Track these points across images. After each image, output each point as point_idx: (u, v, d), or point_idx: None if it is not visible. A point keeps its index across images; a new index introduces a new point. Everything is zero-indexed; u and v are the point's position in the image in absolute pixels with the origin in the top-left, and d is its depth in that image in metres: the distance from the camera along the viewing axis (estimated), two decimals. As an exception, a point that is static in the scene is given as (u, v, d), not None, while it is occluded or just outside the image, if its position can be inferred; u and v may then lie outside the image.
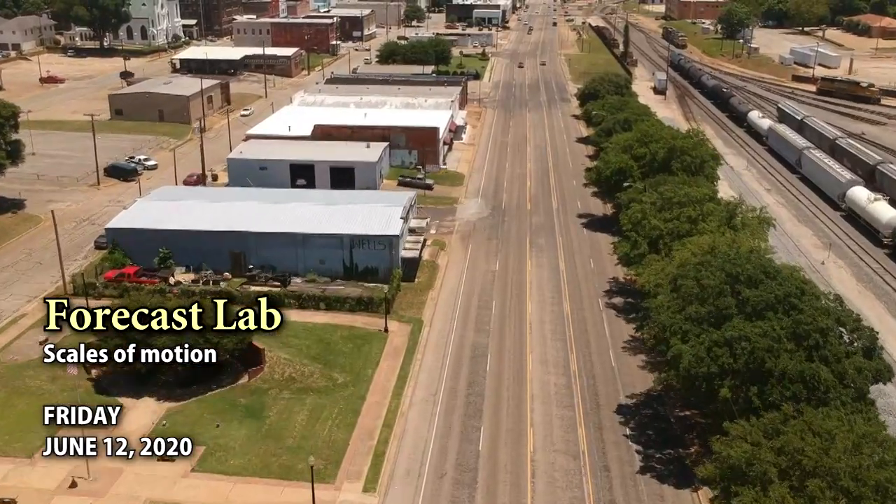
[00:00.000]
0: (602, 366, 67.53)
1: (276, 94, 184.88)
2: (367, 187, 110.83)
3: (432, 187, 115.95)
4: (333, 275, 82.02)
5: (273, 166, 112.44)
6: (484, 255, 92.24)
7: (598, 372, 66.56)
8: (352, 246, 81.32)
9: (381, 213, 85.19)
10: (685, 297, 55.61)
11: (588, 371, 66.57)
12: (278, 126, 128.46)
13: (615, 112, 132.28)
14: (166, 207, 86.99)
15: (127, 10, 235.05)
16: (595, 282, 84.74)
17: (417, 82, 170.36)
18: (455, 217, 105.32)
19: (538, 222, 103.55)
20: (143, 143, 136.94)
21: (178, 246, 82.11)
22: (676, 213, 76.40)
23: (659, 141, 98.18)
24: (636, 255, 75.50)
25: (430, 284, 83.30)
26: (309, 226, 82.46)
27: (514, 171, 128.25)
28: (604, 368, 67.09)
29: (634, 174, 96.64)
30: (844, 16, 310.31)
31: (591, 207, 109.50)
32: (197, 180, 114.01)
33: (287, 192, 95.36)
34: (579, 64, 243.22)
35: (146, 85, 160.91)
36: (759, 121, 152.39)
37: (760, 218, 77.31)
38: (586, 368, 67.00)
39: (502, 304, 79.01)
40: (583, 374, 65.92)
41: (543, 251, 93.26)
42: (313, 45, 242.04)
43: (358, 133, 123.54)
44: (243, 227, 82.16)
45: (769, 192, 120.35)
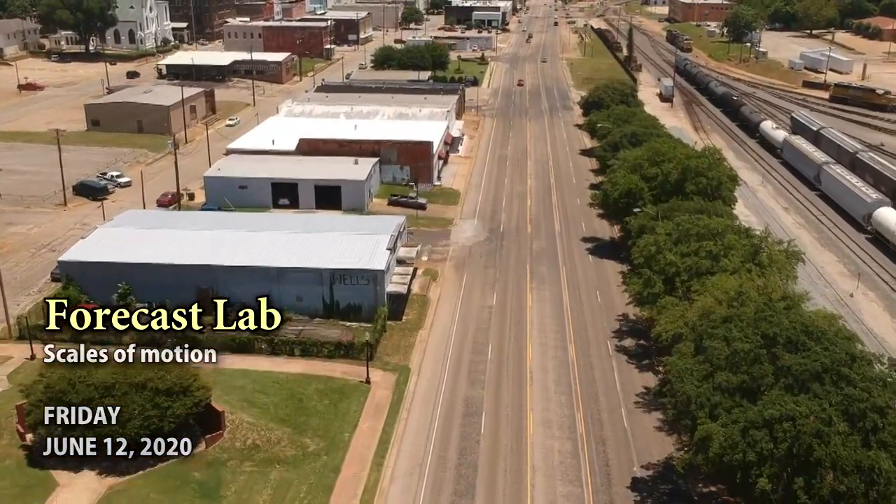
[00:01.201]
0: (613, 427, 59.21)
1: (266, 101, 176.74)
2: (355, 207, 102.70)
3: (425, 207, 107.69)
4: (312, 313, 73.75)
5: (253, 185, 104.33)
6: (480, 286, 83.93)
7: (609, 435, 58.24)
8: (332, 281, 73.06)
9: (365, 243, 76.89)
10: (713, 360, 47.25)
11: (597, 434, 58.23)
12: (261, 139, 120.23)
13: (621, 124, 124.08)
14: (128, 236, 78.70)
15: (113, 14, 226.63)
16: (603, 320, 76.43)
17: (412, 90, 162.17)
18: (449, 241, 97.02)
19: (539, 247, 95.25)
20: (118, 157, 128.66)
21: (139, 281, 73.81)
22: (695, 247, 68.09)
23: (672, 160, 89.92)
24: (650, 294, 67.16)
25: (420, 323, 74.99)
26: (285, 258, 74.18)
27: (514, 187, 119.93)
28: (615, 431, 58.77)
29: (645, 196, 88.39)
30: (854, 18, 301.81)
31: (596, 230, 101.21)
32: (171, 200, 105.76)
33: (263, 218, 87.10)
34: (581, 68, 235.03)
35: (125, 94, 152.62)
36: (772, 132, 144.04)
37: (788, 252, 69.04)
38: (595, 431, 58.68)
39: (500, 348, 70.70)
40: (591, 439, 57.57)
41: (545, 282, 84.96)
42: (306, 49, 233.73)
43: (346, 148, 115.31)
44: (211, 261, 73.88)
45: (787, 211, 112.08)
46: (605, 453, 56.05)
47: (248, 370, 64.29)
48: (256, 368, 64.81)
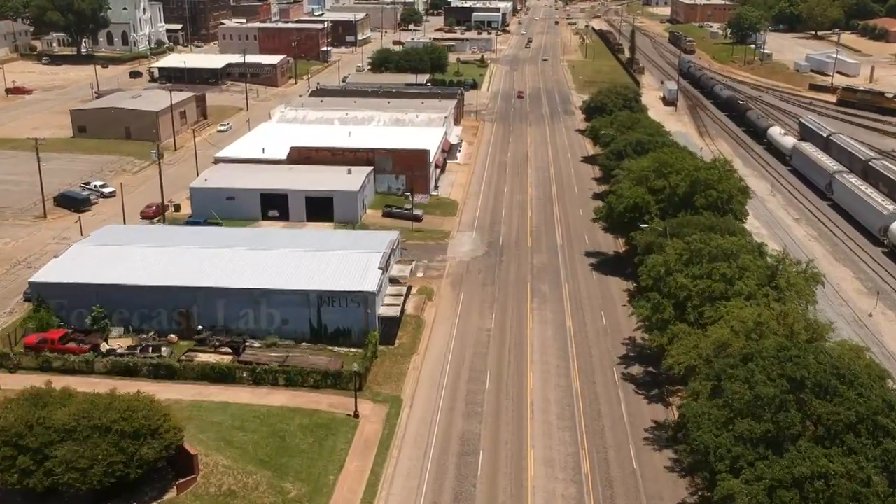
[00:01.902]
0: (621, 467, 54.66)
1: (260, 105, 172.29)
2: (348, 219, 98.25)
3: (421, 218, 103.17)
4: (298, 337, 69.27)
5: (242, 196, 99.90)
6: (478, 306, 79.39)
7: (616, 476, 53.68)
8: (320, 304, 68.52)
9: (356, 262, 72.34)
10: (733, 405, 42.72)
11: (604, 476, 53.67)
12: (252, 147, 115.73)
13: (625, 131, 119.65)
14: (105, 255, 74.15)
15: (105, 15, 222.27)
16: (608, 344, 71.89)
17: (410, 94, 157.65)
18: (446, 256, 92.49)
19: (540, 263, 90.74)
20: (104, 165, 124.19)
21: (115, 303, 69.42)
22: (707, 269, 63.58)
23: (679, 172, 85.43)
24: (659, 320, 62.64)
25: (414, 348, 70.44)
26: (269, 279, 69.63)
27: (514, 197, 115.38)
28: (623, 471, 54.22)
29: (651, 210, 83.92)
30: (859, 19, 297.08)
31: (599, 243, 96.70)
32: (156, 212, 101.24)
33: (248, 234, 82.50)
34: (583, 71, 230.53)
35: (113, 99, 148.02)
36: (781, 138, 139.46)
37: (807, 275, 64.52)
38: (601, 471, 54.13)
39: (498, 376, 66.16)
40: (597, 481, 53.01)
41: (547, 302, 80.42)
42: (302, 51, 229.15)
43: (339, 156, 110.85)
44: (192, 282, 69.35)
45: (798, 222, 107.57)
46: (612, 498, 51.50)
47: (228, 403, 59.78)
48: (237, 400, 60.30)
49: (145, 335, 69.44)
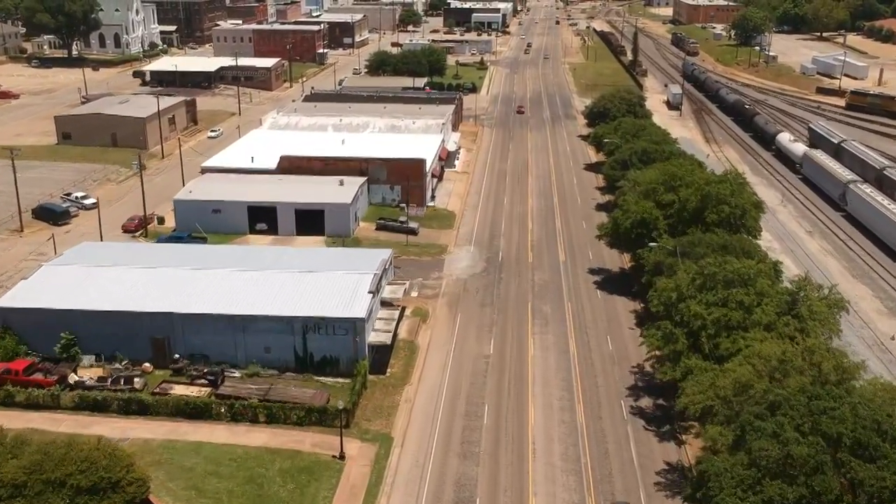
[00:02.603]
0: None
1: (253, 110, 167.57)
2: (340, 233, 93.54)
3: (417, 231, 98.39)
4: (282, 366, 64.52)
5: (228, 208, 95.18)
6: (475, 330, 74.59)
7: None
8: (305, 331, 63.74)
9: (344, 285, 67.54)
10: (760, 464, 37.93)
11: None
12: (240, 156, 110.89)
13: (630, 139, 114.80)
14: (76, 277, 69.35)
15: (97, 17, 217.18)
16: (615, 373, 67.07)
17: (407, 99, 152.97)
18: (442, 273, 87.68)
19: (542, 281, 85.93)
20: (88, 175, 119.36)
21: (86, 330, 64.71)
22: (723, 295, 58.77)
23: (690, 186, 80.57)
24: (672, 352, 57.86)
25: (406, 377, 65.66)
26: (251, 304, 64.81)
27: (514, 208, 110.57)
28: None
29: (660, 226, 79.07)
30: (865, 20, 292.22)
31: (604, 258, 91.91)
32: (138, 225, 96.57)
33: (231, 252, 77.57)
34: (584, 74, 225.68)
35: (99, 104, 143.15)
36: (790, 145, 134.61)
37: (830, 302, 59.71)
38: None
39: (497, 410, 61.37)
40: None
41: (549, 324, 75.60)
42: (297, 53, 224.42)
43: (331, 166, 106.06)
44: (168, 307, 64.54)
45: (811, 235, 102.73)
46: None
47: (203, 443, 55.02)
48: (213, 440, 55.55)
49: (119, 364, 64.74)
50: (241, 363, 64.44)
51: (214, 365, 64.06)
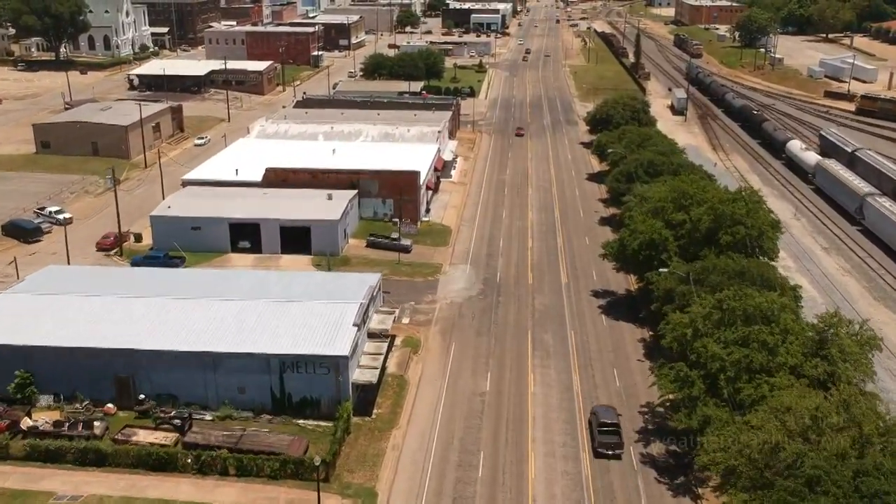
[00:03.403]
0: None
1: (243, 116, 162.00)
2: (327, 252, 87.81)
3: (410, 249, 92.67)
4: (258, 408, 58.83)
5: (208, 226, 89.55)
6: (471, 362, 68.82)
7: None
8: (282, 370, 58.02)
9: (327, 317, 61.81)
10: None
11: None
12: (224, 167, 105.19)
13: (635, 149, 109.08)
14: (35, 307, 63.62)
15: (85, 19, 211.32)
16: (624, 412, 61.15)
17: (402, 105, 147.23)
18: (436, 296, 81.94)
19: (543, 305, 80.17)
20: (65, 187, 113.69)
21: (43, 367, 59.08)
22: (743, 333, 53.04)
23: (701, 204, 74.82)
24: (687, 396, 52.13)
25: (394, 419, 59.91)
26: (223, 340, 59.05)
27: (513, 223, 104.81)
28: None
29: (670, 248, 73.31)
30: (871, 22, 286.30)
31: (609, 280, 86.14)
32: (113, 243, 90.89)
33: (205, 277, 71.75)
34: (586, 77, 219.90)
35: (81, 111, 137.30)
36: (802, 153, 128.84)
37: (862, 340, 53.95)
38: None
39: (493, 460, 55.59)
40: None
41: (550, 356, 69.84)
42: (291, 56, 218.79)
43: (320, 179, 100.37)
44: (132, 343, 58.79)
45: (827, 252, 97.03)
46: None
47: (165, 501, 49.33)
48: (176, 497, 49.88)
49: (79, 405, 59.06)
50: (212, 404, 58.76)
51: (183, 406, 58.43)
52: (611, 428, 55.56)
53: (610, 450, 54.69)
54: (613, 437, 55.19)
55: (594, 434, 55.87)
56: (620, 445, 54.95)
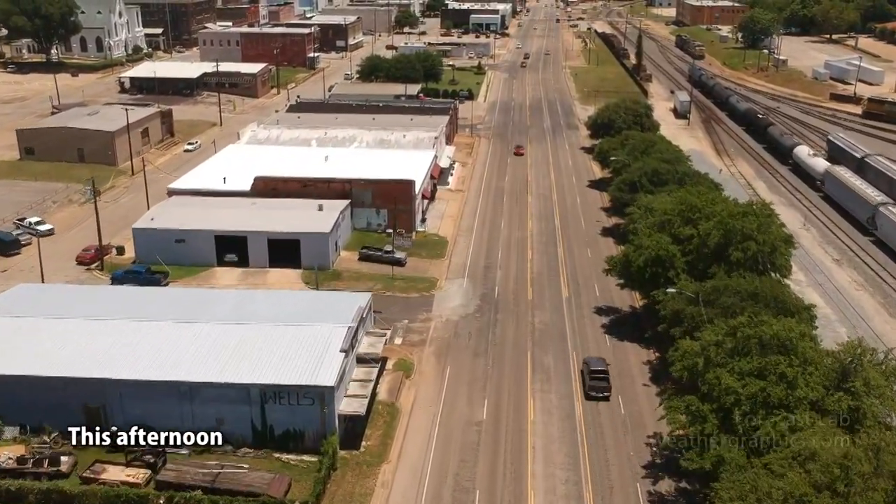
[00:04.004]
0: None
1: (236, 120, 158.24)
2: (317, 265, 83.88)
3: (404, 262, 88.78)
4: (238, 440, 54.89)
5: (193, 238, 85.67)
6: (467, 387, 64.92)
7: None
8: (264, 400, 54.14)
9: (313, 342, 57.92)
10: None
11: None
12: (212, 175, 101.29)
13: (638, 156, 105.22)
14: (2, 331, 59.67)
15: (76, 20, 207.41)
16: (628, 443, 57.46)
17: (398, 109, 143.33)
18: (431, 314, 78.04)
19: (543, 323, 76.28)
20: (48, 195, 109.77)
21: (8, 397, 55.20)
22: (759, 364, 49.11)
23: (710, 218, 70.94)
24: (699, 434, 48.21)
25: (384, 453, 56.00)
26: (201, 368, 55.15)
27: (512, 233, 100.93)
28: None
29: (677, 265, 69.45)
30: (876, 22, 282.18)
31: (612, 295, 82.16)
32: (94, 255, 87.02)
33: (185, 297, 67.65)
34: (586, 79, 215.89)
35: (67, 116, 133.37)
36: (810, 160, 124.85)
37: (888, 371, 50.00)
38: None
39: (491, 497, 51.68)
40: None
41: (551, 380, 65.94)
42: (286, 58, 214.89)
43: (311, 188, 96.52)
44: (102, 372, 54.90)
45: (839, 264, 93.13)
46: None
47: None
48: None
49: (46, 437, 55.15)
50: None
51: (151, 447, 54.39)
52: (601, 375, 63.07)
53: (600, 392, 62.31)
54: (603, 383, 62.70)
55: (586, 380, 63.34)
56: (608, 389, 62.51)
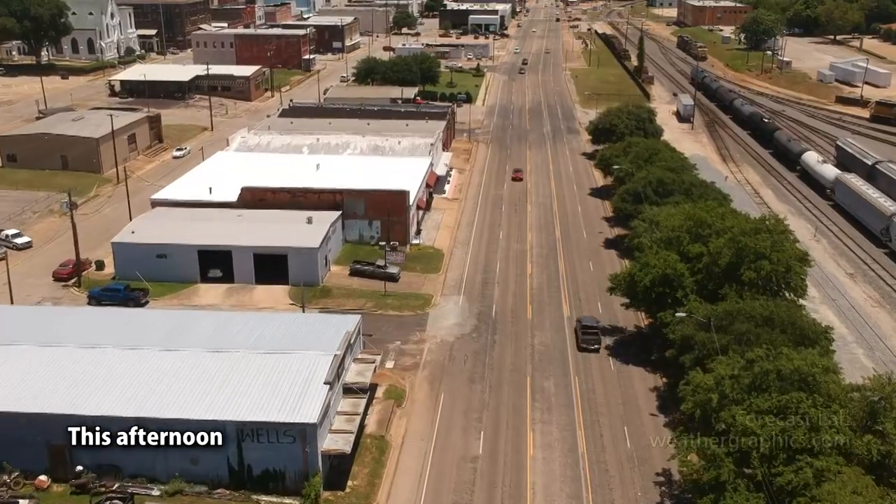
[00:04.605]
0: None
1: (228, 124, 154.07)
2: (306, 282, 79.79)
3: (397, 278, 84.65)
4: (213, 481, 50.78)
5: (175, 253, 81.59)
6: (462, 417, 60.78)
7: None
8: (241, 438, 49.98)
9: (295, 372, 53.76)
10: None
11: None
12: (198, 185, 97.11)
13: (643, 164, 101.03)
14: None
15: (66, 22, 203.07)
16: (636, 482, 53.33)
17: (393, 113, 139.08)
18: (425, 334, 73.91)
19: (543, 345, 72.15)
20: (29, 205, 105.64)
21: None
22: (778, 401, 45.01)
23: (721, 234, 66.83)
24: (714, 480, 44.08)
25: (371, 494, 51.85)
26: (173, 402, 50.98)
27: (511, 245, 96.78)
28: None
29: (686, 285, 65.32)
30: (880, 23, 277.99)
31: (616, 313, 77.92)
32: (72, 271, 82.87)
33: (162, 320, 63.14)
34: (587, 81, 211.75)
35: (51, 122, 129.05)
36: (818, 166, 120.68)
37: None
38: None
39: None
40: None
41: (552, 410, 61.80)
42: (282, 60, 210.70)
43: (301, 198, 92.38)
44: (65, 407, 50.71)
45: (853, 279, 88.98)
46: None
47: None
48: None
49: (7, 477, 51.02)
50: (161, 477, 50.70)
51: (127, 480, 50.41)
52: (592, 331, 71.22)
53: (591, 345, 70.34)
54: (594, 338, 70.61)
55: (579, 336, 71.47)
56: (598, 342, 70.63)
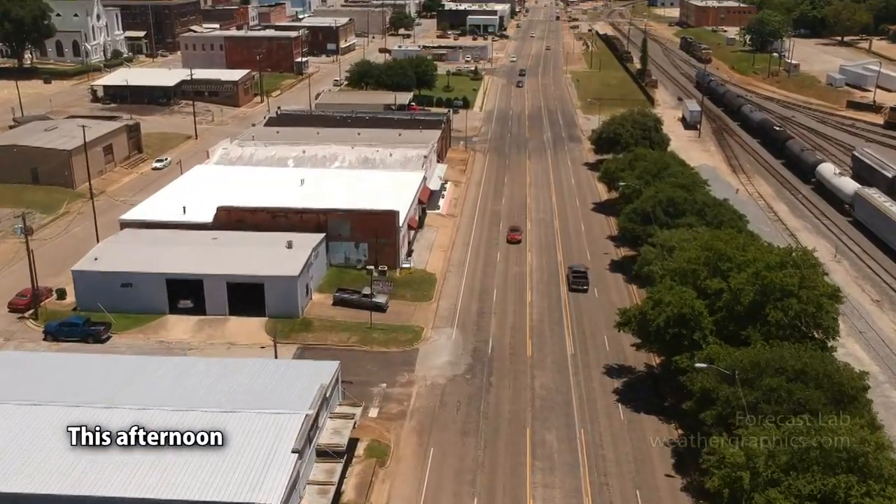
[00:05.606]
0: None
1: (214, 131, 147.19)
2: (284, 313, 73.03)
3: (385, 307, 77.58)
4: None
5: (142, 282, 74.71)
6: (452, 480, 53.71)
7: None
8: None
9: (259, 438, 46.65)
10: None
11: None
12: (173, 203, 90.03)
13: (651, 180, 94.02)
14: None
15: (50, 24, 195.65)
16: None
17: (386, 122, 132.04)
18: (413, 375, 66.82)
19: (545, 388, 65.08)
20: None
21: None
22: (823, 486, 37.99)
23: (743, 268, 59.78)
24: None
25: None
26: (112, 478, 43.84)
27: (509, 268, 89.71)
28: None
29: (705, 325, 58.27)
30: (890, 24, 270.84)
31: (624, 350, 70.72)
32: (29, 302, 75.79)
33: (111, 368, 55.75)
34: (588, 84, 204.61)
35: (21, 133, 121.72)
36: (836, 179, 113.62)
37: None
38: None
39: None
40: None
41: (555, 469, 54.72)
42: (273, 63, 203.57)
43: (282, 219, 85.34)
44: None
45: (880, 306, 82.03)
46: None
47: None
48: None
49: None
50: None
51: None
52: (581, 275, 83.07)
53: (580, 286, 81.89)
54: (583, 280, 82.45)
55: (570, 279, 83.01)
56: (587, 283, 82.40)
